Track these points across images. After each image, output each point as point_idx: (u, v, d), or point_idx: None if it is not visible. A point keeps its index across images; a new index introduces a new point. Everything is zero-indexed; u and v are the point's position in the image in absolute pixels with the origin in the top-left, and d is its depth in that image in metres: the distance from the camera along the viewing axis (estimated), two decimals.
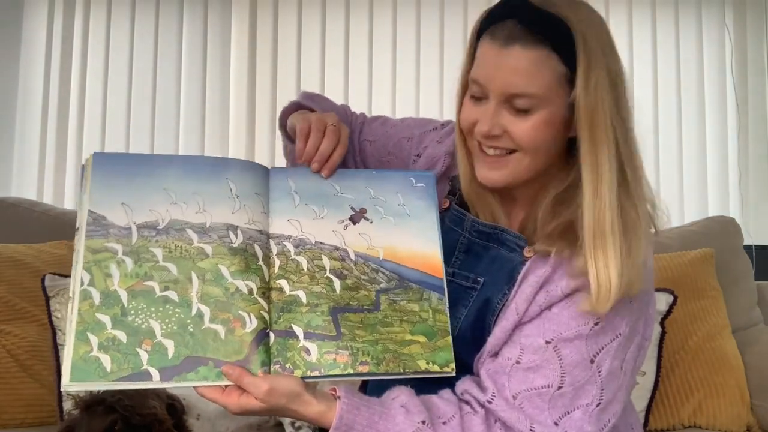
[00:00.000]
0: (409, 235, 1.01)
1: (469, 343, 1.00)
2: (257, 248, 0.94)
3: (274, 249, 0.96)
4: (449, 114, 2.81)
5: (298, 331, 0.91)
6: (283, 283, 0.94)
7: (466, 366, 1.00)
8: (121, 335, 0.84)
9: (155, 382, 0.83)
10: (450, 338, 0.96)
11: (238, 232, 0.93)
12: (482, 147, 0.99)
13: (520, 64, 0.91)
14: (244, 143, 2.67)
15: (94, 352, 0.82)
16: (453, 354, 0.95)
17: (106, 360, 0.82)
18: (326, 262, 0.97)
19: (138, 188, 0.92)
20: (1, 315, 1.74)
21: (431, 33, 2.72)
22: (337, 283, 0.96)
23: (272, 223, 0.97)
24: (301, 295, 0.94)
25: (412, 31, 2.72)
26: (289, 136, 1.16)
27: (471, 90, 0.98)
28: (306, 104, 1.16)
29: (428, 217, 1.02)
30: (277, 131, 2.67)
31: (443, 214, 1.08)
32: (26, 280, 1.79)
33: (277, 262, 0.95)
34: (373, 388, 0.98)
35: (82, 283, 0.85)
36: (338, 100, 2.70)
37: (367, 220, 1.01)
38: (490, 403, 0.92)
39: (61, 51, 2.63)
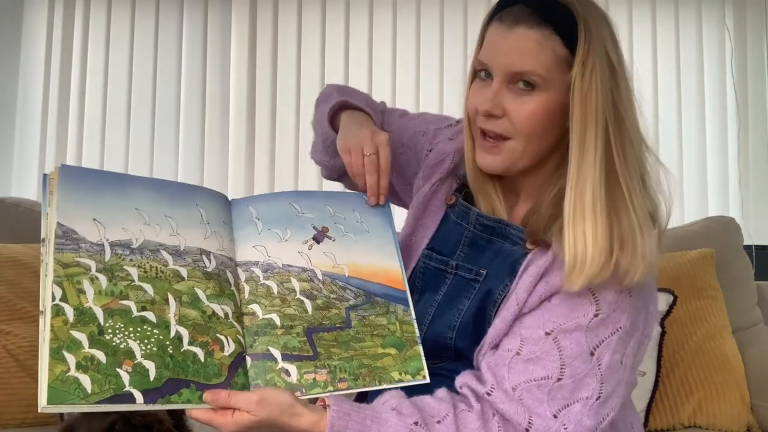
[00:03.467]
0: (370, 251, 1.04)
1: (471, 335, 1.01)
2: (228, 274, 0.95)
3: (242, 276, 0.96)
4: (449, 113, 2.82)
5: (276, 353, 0.92)
6: (255, 307, 0.94)
7: (467, 358, 1.01)
8: (100, 355, 0.80)
9: (139, 405, 0.80)
10: (419, 347, 0.98)
11: (211, 257, 0.94)
12: (483, 132, 1.01)
13: (524, 43, 0.95)
14: (244, 143, 2.67)
15: (72, 372, 0.78)
16: (423, 362, 0.97)
17: (85, 380, 0.78)
18: (295, 284, 0.98)
19: (108, 205, 0.90)
20: (1, 315, 1.74)
21: (431, 33, 2.72)
22: (308, 304, 0.97)
23: (238, 251, 0.98)
24: (275, 318, 0.94)
25: (412, 31, 2.72)
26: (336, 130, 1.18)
27: (478, 74, 1.01)
28: (353, 103, 1.18)
29: (385, 234, 1.06)
30: (277, 129, 2.68)
31: (450, 210, 1.11)
32: (26, 280, 1.78)
33: (247, 288, 0.96)
34: (374, 395, 0.98)
35: (53, 298, 0.81)
36: None
37: (330, 238, 1.03)
38: (489, 395, 0.93)
39: (61, 51, 2.63)
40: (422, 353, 0.98)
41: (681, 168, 2.72)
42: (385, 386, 0.94)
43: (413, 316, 1.01)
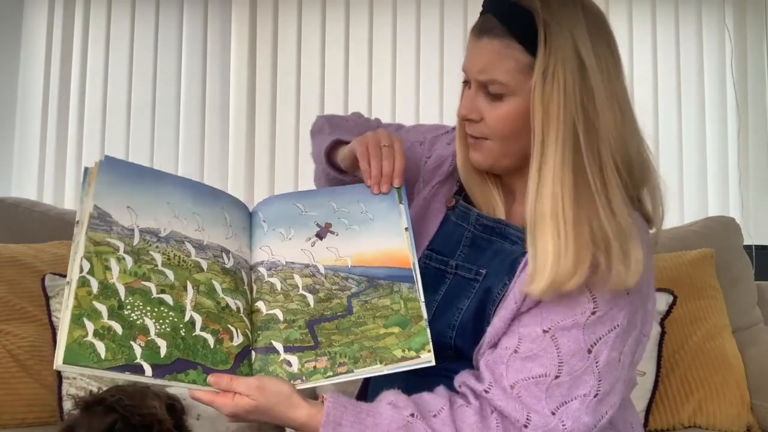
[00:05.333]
0: (374, 238, 1.05)
1: (470, 335, 1.02)
2: (243, 274, 1.00)
3: (252, 276, 1.01)
4: (448, 113, 2.81)
5: (278, 346, 0.95)
6: (260, 304, 0.98)
7: (467, 358, 1.01)
8: (117, 327, 0.85)
9: (147, 377, 0.84)
10: (424, 322, 0.97)
11: (230, 255, 1.00)
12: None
13: (486, 54, 0.97)
14: (243, 143, 2.67)
15: (89, 338, 0.83)
16: (428, 336, 0.96)
17: (100, 347, 0.83)
18: (298, 280, 1.01)
19: (142, 196, 0.97)
20: (1, 315, 1.74)
21: (431, 33, 2.72)
22: (310, 298, 1.00)
23: (252, 257, 1.03)
24: (278, 313, 0.98)
25: (412, 31, 2.72)
26: (334, 166, 1.18)
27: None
28: (346, 139, 1.17)
29: (390, 216, 1.06)
30: (277, 129, 2.68)
31: (450, 212, 1.12)
32: (26, 280, 1.78)
33: (254, 288, 1.00)
34: (374, 394, 0.98)
35: (81, 270, 0.86)
36: (338, 100, 2.70)
37: (333, 233, 1.06)
38: (486, 392, 0.93)
39: (61, 51, 2.63)
40: (427, 328, 0.96)
41: (681, 168, 2.72)
42: (386, 368, 0.93)
43: (420, 291, 1.00)
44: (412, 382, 0.97)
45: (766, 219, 2.74)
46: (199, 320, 0.90)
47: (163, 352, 0.86)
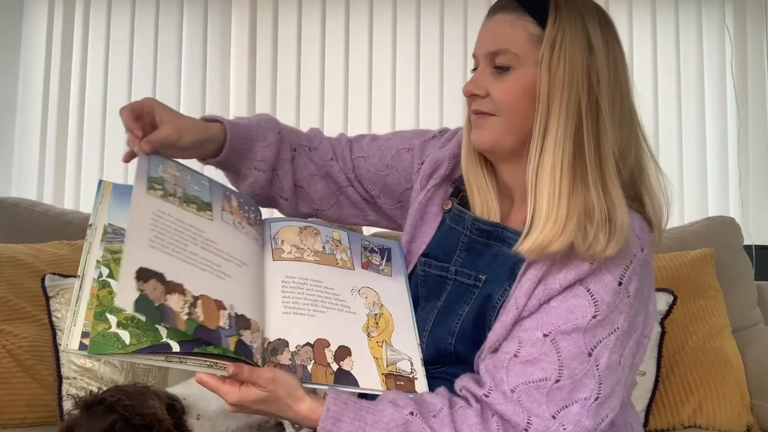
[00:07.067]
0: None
1: (470, 340, 1.01)
2: None
3: None
4: (448, 113, 2.80)
5: None
6: None
7: (467, 363, 1.01)
8: (141, 316, 0.86)
9: (175, 354, 0.86)
10: None
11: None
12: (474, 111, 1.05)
13: (498, 26, 1.01)
14: None
15: (112, 329, 0.85)
16: None
17: (125, 335, 0.85)
18: None
19: None
20: (1, 315, 1.74)
21: (431, 32, 2.72)
22: None
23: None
24: None
25: (412, 30, 2.72)
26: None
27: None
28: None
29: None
30: None
31: (446, 215, 1.12)
32: (26, 280, 1.78)
33: None
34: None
35: (100, 276, 0.90)
36: (338, 101, 2.69)
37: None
38: (487, 396, 0.93)
39: (61, 51, 2.63)
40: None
41: (681, 168, 2.73)
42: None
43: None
44: None
45: (766, 219, 2.74)
46: None
47: (189, 332, 0.87)
